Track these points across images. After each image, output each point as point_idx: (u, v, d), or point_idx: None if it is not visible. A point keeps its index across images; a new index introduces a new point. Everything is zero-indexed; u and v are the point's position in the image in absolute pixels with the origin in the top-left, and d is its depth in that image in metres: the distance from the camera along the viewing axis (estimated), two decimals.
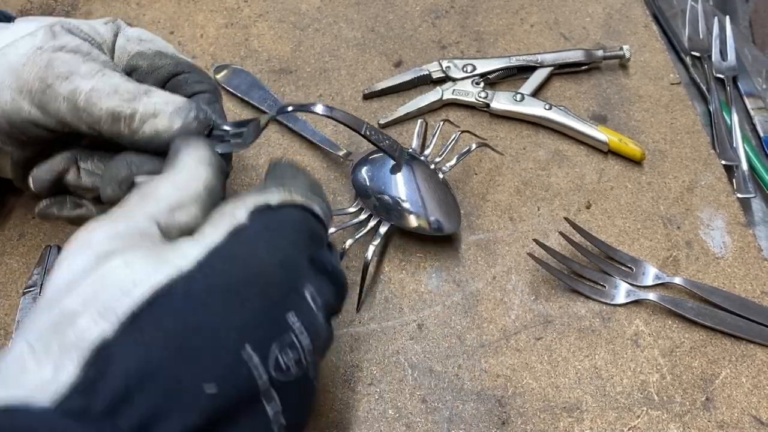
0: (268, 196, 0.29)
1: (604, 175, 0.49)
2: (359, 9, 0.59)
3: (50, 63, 0.34)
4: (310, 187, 0.31)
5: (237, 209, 0.28)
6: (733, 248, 0.45)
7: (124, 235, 0.26)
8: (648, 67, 0.54)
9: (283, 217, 0.29)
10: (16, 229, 0.47)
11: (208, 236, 0.26)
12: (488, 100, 0.52)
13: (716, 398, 0.39)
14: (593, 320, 0.42)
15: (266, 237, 0.27)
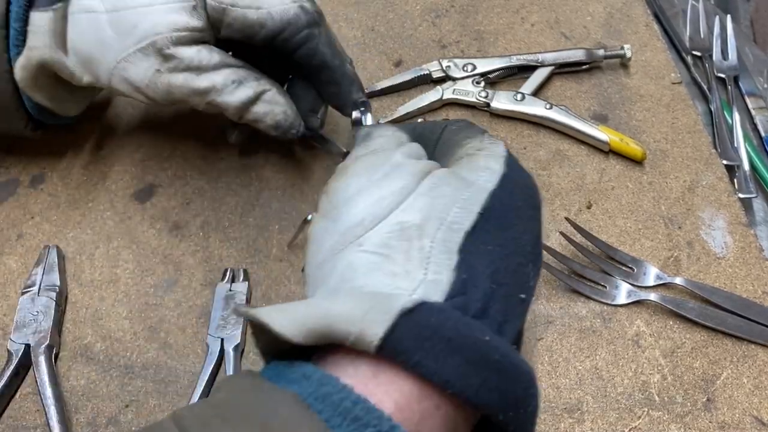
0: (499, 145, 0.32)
1: (605, 174, 0.48)
2: (359, 8, 0.59)
3: (169, 88, 0.40)
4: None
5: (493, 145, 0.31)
6: (735, 248, 0.44)
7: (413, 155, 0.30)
8: (649, 66, 0.54)
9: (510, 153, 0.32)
10: (15, 230, 0.47)
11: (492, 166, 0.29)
12: (488, 99, 0.51)
13: (717, 399, 0.39)
14: (594, 321, 0.42)
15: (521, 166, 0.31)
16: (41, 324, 0.41)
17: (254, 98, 0.41)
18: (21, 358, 0.40)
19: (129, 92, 0.41)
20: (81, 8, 0.39)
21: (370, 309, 0.23)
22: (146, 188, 0.49)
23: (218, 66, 0.40)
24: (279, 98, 0.42)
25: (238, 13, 0.39)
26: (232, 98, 0.40)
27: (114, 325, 0.43)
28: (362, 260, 0.26)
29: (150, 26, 0.39)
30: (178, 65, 0.39)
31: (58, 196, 0.49)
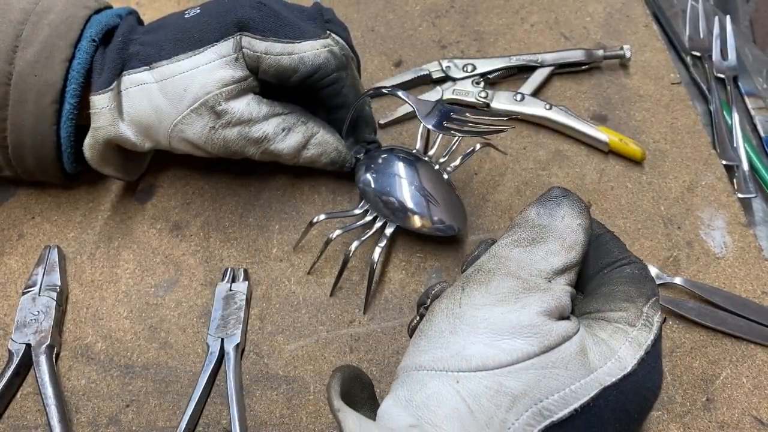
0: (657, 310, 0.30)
1: (604, 175, 0.49)
2: (359, 8, 0.59)
3: (226, 144, 0.43)
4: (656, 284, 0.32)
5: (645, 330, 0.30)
6: (734, 248, 0.44)
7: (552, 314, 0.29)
8: (648, 66, 0.54)
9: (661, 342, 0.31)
10: (16, 230, 0.47)
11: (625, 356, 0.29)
12: (488, 99, 0.52)
13: (717, 398, 0.39)
14: None
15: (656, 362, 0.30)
16: (42, 324, 0.41)
17: (305, 143, 0.44)
18: (22, 357, 0.40)
19: (189, 150, 0.44)
20: (132, 83, 0.42)
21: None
22: (147, 188, 0.49)
23: (267, 116, 0.43)
24: (329, 138, 0.45)
25: (272, 61, 0.42)
26: (283, 145, 0.44)
27: (114, 325, 0.43)
28: (451, 401, 0.27)
29: (199, 87, 0.41)
30: (230, 120, 0.42)
31: (58, 196, 0.49)
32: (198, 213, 0.48)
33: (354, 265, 0.44)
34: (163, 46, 0.42)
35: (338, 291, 0.44)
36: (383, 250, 0.43)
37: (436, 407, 0.27)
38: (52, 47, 0.41)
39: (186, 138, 0.43)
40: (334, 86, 0.44)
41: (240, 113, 0.42)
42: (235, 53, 0.41)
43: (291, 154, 0.44)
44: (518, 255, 0.31)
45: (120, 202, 0.48)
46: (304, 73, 0.42)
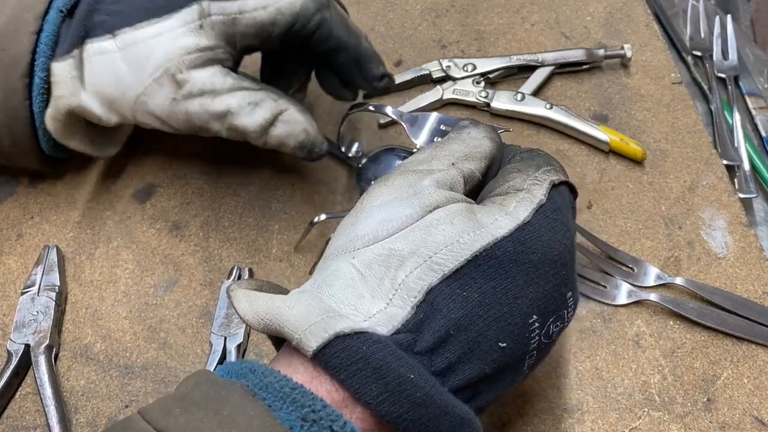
0: (551, 174, 0.31)
1: (605, 174, 0.48)
2: (359, 8, 0.59)
3: (188, 117, 0.40)
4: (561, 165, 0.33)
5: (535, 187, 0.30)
6: (735, 248, 0.44)
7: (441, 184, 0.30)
8: (649, 66, 0.54)
9: (563, 196, 0.31)
10: (15, 230, 0.47)
11: (516, 211, 0.29)
12: (489, 99, 0.51)
13: (717, 399, 0.39)
14: (594, 321, 0.42)
15: (559, 217, 0.30)
16: (41, 324, 0.41)
17: (272, 119, 0.41)
18: (21, 358, 0.40)
19: (155, 125, 0.42)
20: (96, 51, 0.40)
21: (316, 323, 0.26)
22: (146, 188, 0.49)
23: (233, 89, 0.40)
24: (298, 117, 0.42)
25: (247, 19, 0.39)
26: (249, 120, 0.40)
27: (114, 325, 0.43)
28: (346, 272, 0.28)
29: (162, 55, 0.39)
30: (192, 91, 0.39)
31: (57, 196, 0.49)
32: (197, 213, 0.47)
33: None
34: (128, 14, 0.40)
35: None
36: None
37: (334, 280, 0.28)
38: (19, 20, 0.40)
39: (150, 111, 0.40)
40: (321, 30, 0.41)
41: (202, 83, 0.39)
42: (200, 20, 0.39)
43: (257, 131, 0.41)
44: (421, 156, 0.32)
45: (119, 202, 0.48)
46: (284, 25, 0.40)
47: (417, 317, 0.27)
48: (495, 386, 0.28)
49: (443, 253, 0.27)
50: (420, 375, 0.25)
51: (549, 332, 0.29)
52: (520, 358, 0.28)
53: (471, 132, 0.34)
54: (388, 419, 0.25)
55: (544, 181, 0.30)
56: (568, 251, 0.30)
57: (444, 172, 0.31)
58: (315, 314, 0.26)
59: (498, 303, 0.27)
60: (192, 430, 0.23)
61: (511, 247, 0.28)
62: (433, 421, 0.25)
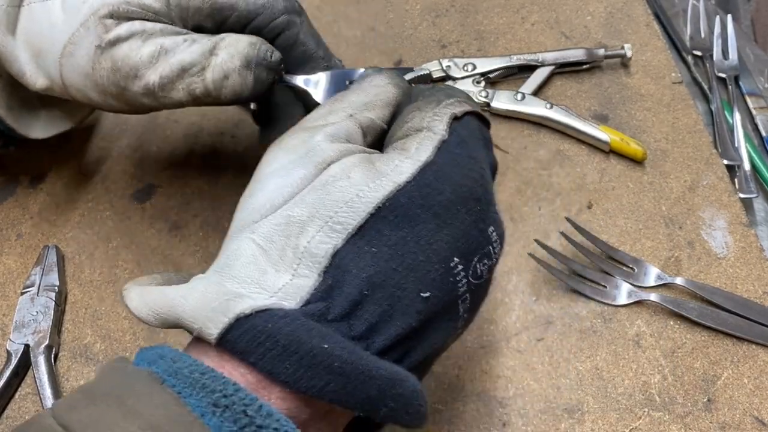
0: (452, 107, 0.29)
1: (605, 174, 0.48)
2: (359, 7, 0.59)
3: (114, 65, 0.35)
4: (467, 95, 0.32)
5: (434, 123, 0.28)
6: (735, 248, 0.44)
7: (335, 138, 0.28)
8: (649, 66, 0.54)
9: (470, 127, 0.30)
10: (14, 230, 0.47)
11: (417, 152, 0.27)
12: (489, 99, 0.51)
13: (718, 399, 0.39)
14: (594, 321, 0.42)
15: (465, 150, 0.28)
16: (40, 324, 0.41)
17: (212, 47, 0.35)
18: (20, 358, 0.40)
19: (80, 86, 0.36)
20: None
21: (214, 308, 0.24)
22: (146, 188, 0.49)
23: (165, 32, 0.35)
24: (241, 36, 0.36)
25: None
26: (186, 53, 0.34)
27: (113, 326, 0.43)
28: (246, 249, 0.26)
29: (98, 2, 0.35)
30: (120, 34, 0.34)
31: (57, 196, 0.49)
32: (197, 213, 0.47)
33: None
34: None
35: None
36: None
37: (235, 260, 0.26)
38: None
39: (76, 66, 0.36)
40: (287, 32, 0.36)
41: (130, 26, 0.34)
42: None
43: (197, 64, 0.34)
44: (318, 113, 0.30)
45: (119, 202, 0.48)
46: (244, 13, 0.36)
47: (326, 284, 0.25)
48: (429, 338, 0.27)
49: (344, 212, 0.26)
50: (336, 343, 0.24)
51: (477, 272, 0.27)
52: (450, 305, 0.27)
53: (373, 80, 0.31)
54: (311, 394, 0.23)
55: (444, 115, 0.28)
56: (480, 185, 0.28)
57: (337, 124, 0.29)
58: (212, 299, 0.25)
59: (412, 252, 0.26)
60: (93, 424, 0.22)
61: (416, 192, 0.26)
62: (359, 388, 0.24)
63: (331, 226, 0.25)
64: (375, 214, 0.25)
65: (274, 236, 0.26)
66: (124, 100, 0.36)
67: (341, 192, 0.26)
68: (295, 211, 0.26)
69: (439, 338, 0.27)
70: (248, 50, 0.35)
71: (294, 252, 0.25)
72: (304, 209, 0.26)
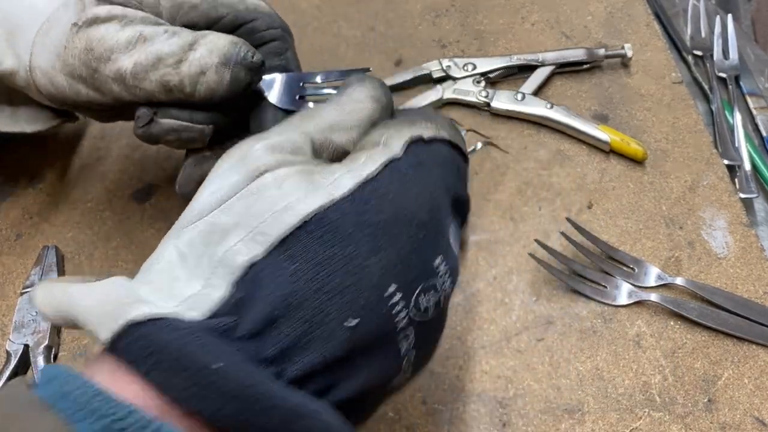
0: (422, 129, 0.28)
1: (605, 174, 0.48)
2: (359, 7, 0.59)
3: (89, 44, 0.33)
4: (452, 126, 0.30)
5: (392, 140, 0.27)
6: (736, 248, 0.44)
7: (276, 149, 0.26)
8: (650, 66, 0.54)
9: (435, 152, 0.28)
10: (14, 230, 0.47)
11: (363, 166, 0.25)
12: (489, 99, 0.51)
13: (718, 399, 0.39)
14: (595, 321, 0.42)
15: (419, 173, 0.27)
16: (40, 324, 0.41)
17: (192, 41, 0.34)
18: (20, 358, 0.40)
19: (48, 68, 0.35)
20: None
21: (108, 312, 0.22)
22: (145, 188, 0.49)
23: (147, 20, 0.34)
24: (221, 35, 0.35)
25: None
26: (164, 45, 0.33)
27: None
28: (167, 255, 0.25)
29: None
30: (98, 14, 0.33)
31: (56, 196, 0.49)
32: None
33: None
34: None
35: None
36: None
37: (154, 264, 0.25)
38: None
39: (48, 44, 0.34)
40: (277, 43, 0.37)
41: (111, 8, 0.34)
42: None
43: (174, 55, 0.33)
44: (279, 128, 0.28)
45: (119, 202, 0.48)
46: (242, 15, 0.36)
47: (236, 297, 0.23)
48: (360, 373, 0.24)
49: (268, 222, 0.24)
50: (233, 363, 0.21)
51: (420, 305, 0.25)
52: (386, 338, 0.24)
53: (353, 93, 0.29)
54: (205, 416, 0.21)
55: (407, 135, 0.27)
56: (427, 211, 0.26)
57: (284, 135, 0.27)
58: (111, 301, 0.23)
59: (339, 274, 0.23)
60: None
61: (350, 208, 0.24)
62: (258, 416, 0.21)
63: (254, 236, 0.24)
64: (302, 227, 0.24)
65: (195, 242, 0.25)
66: (92, 85, 0.34)
67: (270, 201, 0.24)
68: (221, 218, 0.25)
69: (374, 375, 0.25)
70: (228, 48, 0.34)
71: (210, 260, 0.24)
72: (229, 217, 0.24)
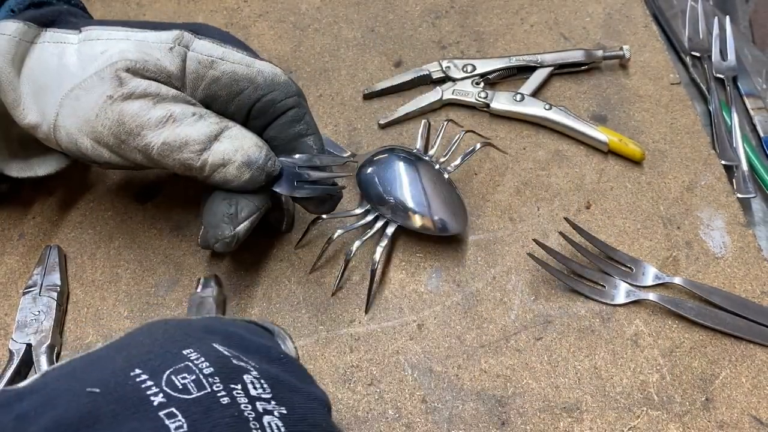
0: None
1: (604, 175, 0.49)
2: (359, 9, 0.59)
3: (121, 118, 0.35)
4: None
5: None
6: (733, 248, 0.45)
7: None
8: (648, 67, 0.54)
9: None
10: (16, 229, 0.47)
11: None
12: (488, 100, 0.52)
13: (716, 398, 0.39)
14: (593, 320, 0.42)
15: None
16: (42, 324, 0.42)
17: (218, 131, 0.37)
18: (22, 357, 0.40)
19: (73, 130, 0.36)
20: (53, 39, 0.37)
21: None
22: (147, 188, 0.49)
23: (177, 99, 0.36)
24: (247, 133, 0.38)
25: (227, 67, 0.37)
26: (192, 129, 0.36)
27: (115, 325, 0.43)
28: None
29: (118, 51, 0.36)
30: (134, 91, 0.35)
31: (59, 196, 0.49)
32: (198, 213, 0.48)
33: (353, 265, 0.44)
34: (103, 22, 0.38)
35: (337, 291, 0.44)
36: (384, 250, 0.43)
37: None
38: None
39: (77, 109, 0.36)
40: (295, 110, 0.39)
41: (147, 86, 0.35)
42: (173, 44, 0.37)
43: (200, 143, 0.36)
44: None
45: (121, 202, 0.48)
46: (261, 88, 0.38)
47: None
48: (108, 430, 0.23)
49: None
50: None
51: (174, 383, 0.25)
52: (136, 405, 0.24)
53: None
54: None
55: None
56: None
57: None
58: None
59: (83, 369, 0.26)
60: None
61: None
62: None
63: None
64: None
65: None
66: (118, 153, 0.37)
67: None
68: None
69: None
70: (254, 150, 0.37)
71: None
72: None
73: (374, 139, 0.51)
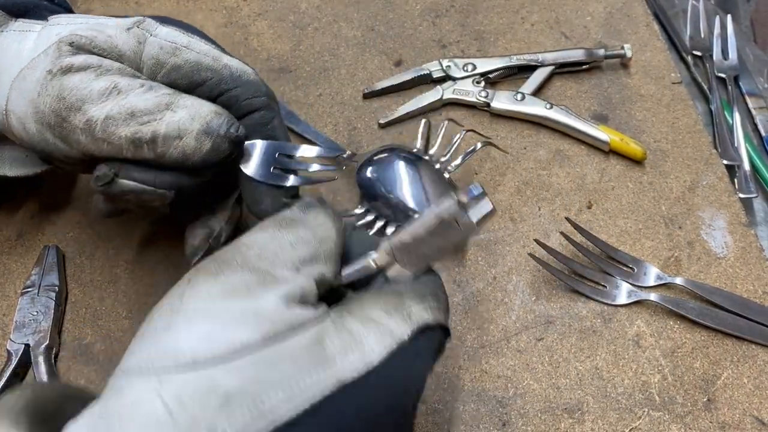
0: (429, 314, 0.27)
1: (605, 174, 0.48)
2: (359, 8, 0.59)
3: (61, 93, 0.32)
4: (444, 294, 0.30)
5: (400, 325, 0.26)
6: (735, 248, 0.44)
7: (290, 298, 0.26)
8: (649, 66, 0.54)
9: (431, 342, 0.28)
10: (14, 229, 0.47)
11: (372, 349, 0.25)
12: (489, 99, 0.51)
13: (718, 399, 0.39)
14: (594, 321, 0.42)
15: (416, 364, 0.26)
16: (41, 324, 0.41)
17: (168, 102, 0.33)
18: (20, 357, 0.40)
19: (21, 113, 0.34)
20: (19, 27, 0.36)
21: None
22: None
23: (123, 72, 0.33)
24: (203, 102, 0.34)
25: (191, 56, 0.34)
26: (139, 99, 0.32)
27: (114, 325, 0.43)
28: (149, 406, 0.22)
29: (69, 30, 0.34)
30: (73, 63, 0.32)
31: (57, 196, 0.49)
32: None
33: None
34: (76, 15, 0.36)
35: None
36: None
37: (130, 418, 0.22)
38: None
39: (24, 89, 0.33)
40: (263, 112, 0.35)
41: (88, 58, 0.33)
42: (132, 26, 0.34)
43: (150, 111, 0.32)
44: (262, 241, 0.28)
45: None
46: (225, 81, 0.34)
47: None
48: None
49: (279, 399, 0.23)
50: None
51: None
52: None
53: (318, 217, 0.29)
54: None
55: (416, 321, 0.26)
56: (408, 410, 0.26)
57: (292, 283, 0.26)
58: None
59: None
60: None
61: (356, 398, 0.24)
62: None
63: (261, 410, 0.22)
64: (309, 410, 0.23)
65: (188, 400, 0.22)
66: (60, 134, 0.33)
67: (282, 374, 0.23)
68: (224, 379, 0.22)
69: None
70: (212, 117, 0.33)
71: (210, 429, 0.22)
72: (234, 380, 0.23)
73: (374, 139, 0.51)
